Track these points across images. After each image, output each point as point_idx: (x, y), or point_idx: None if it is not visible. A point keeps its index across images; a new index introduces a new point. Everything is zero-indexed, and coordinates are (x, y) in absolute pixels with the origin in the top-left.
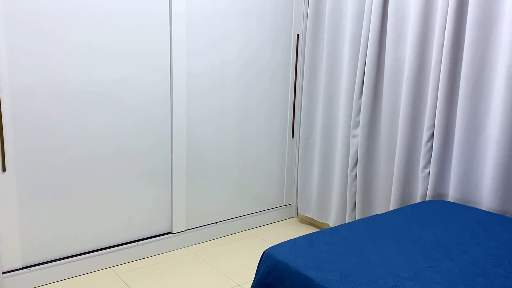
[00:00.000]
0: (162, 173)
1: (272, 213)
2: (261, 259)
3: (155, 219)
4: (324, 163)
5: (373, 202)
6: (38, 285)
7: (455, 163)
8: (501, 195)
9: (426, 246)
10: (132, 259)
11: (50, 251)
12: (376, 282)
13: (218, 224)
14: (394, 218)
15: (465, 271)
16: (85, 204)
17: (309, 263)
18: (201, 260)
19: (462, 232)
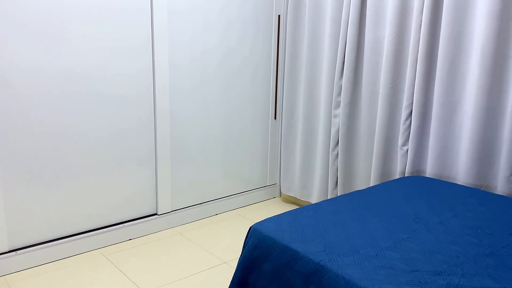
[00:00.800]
0: (146, 156)
1: (256, 193)
2: (247, 234)
3: (140, 201)
4: (307, 143)
5: (354, 179)
6: (26, 268)
7: (432, 140)
8: (476, 169)
9: (404, 218)
10: (118, 241)
11: (37, 234)
12: (358, 252)
13: (203, 205)
14: (374, 194)
15: (441, 240)
16: (70, 187)
17: (294, 237)
18: (187, 240)
19: (439, 205)
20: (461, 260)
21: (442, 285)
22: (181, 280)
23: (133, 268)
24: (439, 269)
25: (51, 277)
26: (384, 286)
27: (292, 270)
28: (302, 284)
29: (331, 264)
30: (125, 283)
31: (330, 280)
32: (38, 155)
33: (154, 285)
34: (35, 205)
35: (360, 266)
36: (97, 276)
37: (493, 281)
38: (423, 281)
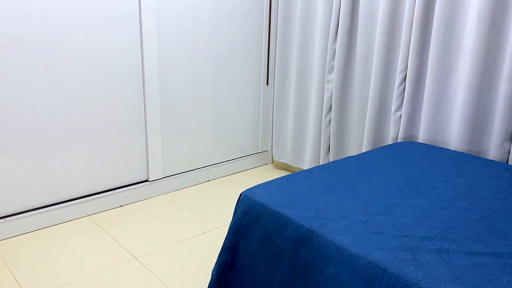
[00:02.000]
0: (136, 123)
1: (248, 160)
2: (238, 200)
3: (131, 168)
4: (299, 109)
5: (346, 146)
6: (16, 235)
7: (426, 105)
8: (469, 135)
9: (396, 184)
10: (109, 207)
11: (26, 201)
12: (349, 218)
13: (194, 172)
14: (366, 159)
15: (432, 205)
16: (59, 154)
17: (285, 203)
18: (179, 206)
19: (431, 171)
20: (452, 225)
21: (433, 250)
22: (174, 245)
23: (125, 234)
24: (430, 234)
25: (42, 243)
26: (374, 251)
27: (282, 236)
28: (293, 249)
29: (321, 230)
30: (117, 249)
31: (321, 246)
32: (26, 122)
33: (146, 251)
34: (24, 172)
35: (350, 231)
36: (88, 243)
37: (483, 245)
38: (414, 246)
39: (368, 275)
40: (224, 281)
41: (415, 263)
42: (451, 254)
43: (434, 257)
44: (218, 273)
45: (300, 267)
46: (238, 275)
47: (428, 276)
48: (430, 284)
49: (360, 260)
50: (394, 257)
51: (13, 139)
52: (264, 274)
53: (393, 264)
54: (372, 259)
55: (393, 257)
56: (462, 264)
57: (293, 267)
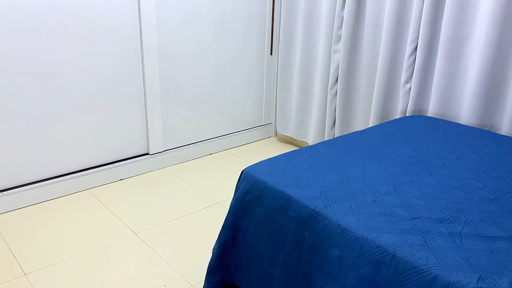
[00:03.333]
0: (135, 94)
1: (251, 133)
2: (239, 178)
3: (131, 141)
4: (304, 80)
5: (352, 119)
6: (14, 209)
7: (437, 77)
8: (481, 109)
9: (405, 161)
10: (109, 181)
11: (24, 174)
12: (356, 198)
13: (196, 145)
14: (373, 135)
15: (444, 184)
16: (57, 127)
17: (288, 181)
18: (180, 180)
19: (442, 147)
20: (465, 206)
21: (445, 233)
22: (174, 220)
23: (125, 209)
24: (441, 216)
25: (40, 217)
26: (382, 234)
27: (285, 216)
28: (296, 230)
29: (326, 211)
30: (116, 224)
31: (325, 227)
32: (25, 95)
33: (146, 226)
34: (22, 145)
35: (357, 212)
36: (87, 217)
37: (498, 228)
38: (424, 229)
39: (375, 260)
40: (225, 260)
41: (426, 248)
42: (463, 238)
43: (446, 241)
44: (218, 252)
45: (303, 249)
46: (239, 254)
47: (439, 262)
48: (442, 271)
49: (367, 243)
50: (403, 241)
51: (10, 112)
52: (266, 254)
53: (402, 249)
54: (380, 242)
55: (402, 241)
56: (475, 249)
57: (296, 248)
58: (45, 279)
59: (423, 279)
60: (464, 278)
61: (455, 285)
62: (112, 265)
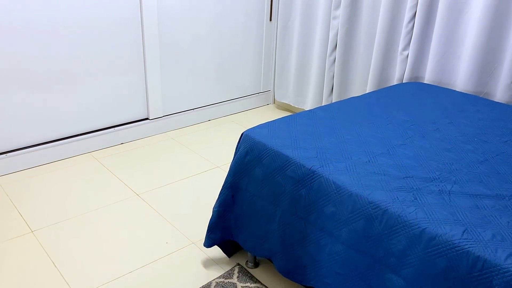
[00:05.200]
0: (135, 58)
1: (249, 100)
2: (239, 140)
3: (131, 106)
4: (303, 47)
5: (350, 86)
6: (17, 170)
7: (434, 44)
8: (476, 76)
9: (400, 125)
10: (110, 145)
11: (26, 137)
12: (351, 158)
13: (195, 111)
14: (370, 100)
15: (436, 147)
16: (58, 90)
17: (286, 143)
18: (179, 144)
19: (436, 112)
20: (455, 167)
21: (434, 191)
22: (174, 183)
23: (126, 172)
24: (432, 176)
25: (45, 178)
26: (375, 192)
27: (283, 175)
28: (293, 188)
29: (322, 170)
30: (118, 185)
31: (321, 185)
32: (26, 57)
33: (148, 188)
34: (24, 108)
35: (352, 172)
36: (90, 178)
37: (484, 187)
38: (415, 187)
39: (368, 215)
40: (225, 218)
41: (416, 204)
42: (452, 196)
43: (435, 198)
44: (219, 210)
45: (300, 206)
46: (239, 212)
47: (428, 217)
48: (430, 224)
49: (360, 200)
50: (394, 198)
51: (13, 75)
52: (265, 212)
53: (393, 205)
54: (373, 199)
55: (393, 197)
56: (462, 205)
57: (293, 205)
58: (52, 236)
59: (412, 232)
60: (450, 230)
61: (441, 237)
62: (116, 223)
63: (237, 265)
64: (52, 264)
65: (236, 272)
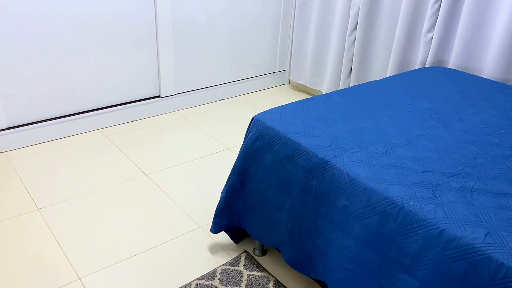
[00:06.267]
0: (147, 34)
1: (264, 80)
2: (250, 124)
3: (143, 83)
4: (322, 25)
5: (369, 69)
6: (26, 145)
7: (461, 27)
8: (505, 62)
9: (421, 113)
10: (120, 122)
11: (37, 112)
12: (367, 149)
13: (208, 89)
14: (390, 85)
15: (458, 139)
16: (69, 66)
17: (299, 129)
18: (191, 124)
19: (460, 100)
20: (479, 161)
21: (456, 188)
22: (184, 164)
23: (135, 150)
24: (453, 171)
25: (53, 154)
26: (392, 186)
27: (294, 164)
28: (304, 178)
29: (336, 160)
30: (127, 164)
31: (334, 177)
32: (37, 32)
33: (157, 168)
34: (35, 83)
35: (367, 163)
36: (98, 156)
37: (510, 185)
38: (435, 183)
39: (383, 211)
40: (232, 204)
41: (435, 202)
42: (474, 194)
43: (456, 195)
44: (226, 195)
45: (310, 196)
46: (247, 199)
47: (448, 217)
48: (450, 225)
49: (375, 194)
50: (412, 194)
51: (24, 50)
52: (273, 201)
53: (411, 201)
54: (389, 194)
55: (411, 193)
56: (485, 204)
57: (304, 195)
58: (57, 214)
59: (430, 232)
60: (471, 233)
61: (462, 239)
62: (123, 204)
63: (244, 252)
64: (57, 243)
65: (243, 259)
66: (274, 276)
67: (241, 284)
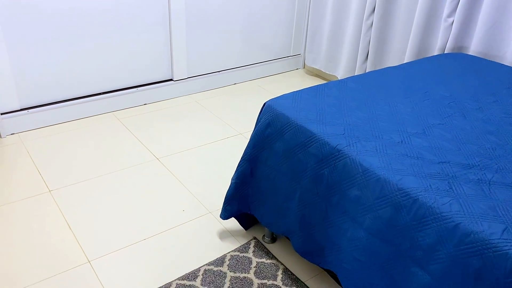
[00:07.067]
0: (160, 17)
1: (278, 64)
2: (261, 110)
3: (156, 66)
4: (339, 8)
5: (386, 54)
6: (39, 127)
7: (484, 12)
8: None
9: (439, 102)
10: (133, 105)
11: (49, 93)
12: (382, 138)
13: (221, 73)
14: (407, 71)
15: (477, 128)
16: (81, 48)
17: (311, 117)
18: (203, 108)
19: (479, 88)
20: (498, 153)
21: (473, 180)
22: (196, 148)
23: (147, 134)
24: (471, 162)
25: (66, 136)
26: (406, 177)
27: (305, 152)
28: (316, 167)
29: (349, 149)
30: (138, 148)
31: (346, 167)
32: (50, 13)
33: (168, 152)
34: (46, 64)
35: (381, 153)
36: (110, 139)
37: None
38: (451, 175)
39: (396, 203)
40: (242, 191)
41: (451, 194)
42: (492, 187)
43: (473, 188)
44: (236, 182)
45: (322, 186)
46: (257, 186)
47: (463, 210)
48: (465, 219)
49: (388, 185)
50: (427, 186)
51: (35, 31)
52: (284, 189)
53: (425, 194)
54: (403, 185)
55: (426, 185)
56: (504, 198)
57: (315, 184)
58: (68, 196)
59: (444, 226)
60: (488, 228)
61: (478, 234)
62: (133, 188)
63: (253, 239)
64: (67, 226)
65: (252, 246)
66: (283, 264)
67: (250, 271)
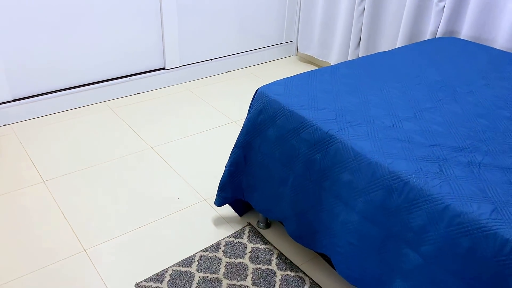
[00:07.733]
0: (150, 5)
1: (271, 51)
2: (253, 97)
3: (147, 54)
4: None
5: (379, 39)
6: (31, 118)
7: None
8: None
9: (430, 86)
10: (125, 94)
11: (41, 84)
12: (373, 122)
13: (213, 61)
14: (399, 56)
15: (468, 112)
16: (73, 36)
17: (303, 102)
18: (196, 96)
19: (471, 72)
20: (488, 135)
21: (463, 162)
22: (189, 136)
23: (141, 122)
24: (461, 145)
25: (59, 127)
26: (397, 161)
27: (297, 138)
28: (307, 152)
29: (340, 134)
30: (132, 137)
31: (338, 151)
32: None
33: (161, 141)
34: (37, 54)
35: (373, 137)
36: (104, 128)
37: None
38: (442, 157)
39: (387, 186)
40: (236, 178)
41: (441, 177)
42: (482, 168)
43: (463, 170)
44: (230, 169)
45: (314, 171)
46: (251, 173)
47: (454, 192)
48: (455, 201)
49: (380, 169)
50: (418, 168)
51: (27, 21)
52: (277, 174)
53: (416, 176)
54: (394, 169)
55: (417, 168)
56: (493, 180)
57: (307, 170)
58: (62, 186)
59: (435, 208)
60: (477, 209)
61: (467, 215)
62: (128, 176)
63: (248, 225)
64: (62, 215)
65: (247, 232)
66: (277, 249)
67: (245, 257)
